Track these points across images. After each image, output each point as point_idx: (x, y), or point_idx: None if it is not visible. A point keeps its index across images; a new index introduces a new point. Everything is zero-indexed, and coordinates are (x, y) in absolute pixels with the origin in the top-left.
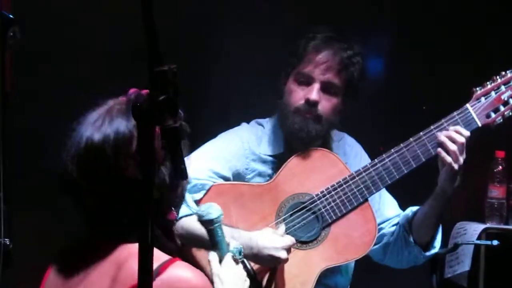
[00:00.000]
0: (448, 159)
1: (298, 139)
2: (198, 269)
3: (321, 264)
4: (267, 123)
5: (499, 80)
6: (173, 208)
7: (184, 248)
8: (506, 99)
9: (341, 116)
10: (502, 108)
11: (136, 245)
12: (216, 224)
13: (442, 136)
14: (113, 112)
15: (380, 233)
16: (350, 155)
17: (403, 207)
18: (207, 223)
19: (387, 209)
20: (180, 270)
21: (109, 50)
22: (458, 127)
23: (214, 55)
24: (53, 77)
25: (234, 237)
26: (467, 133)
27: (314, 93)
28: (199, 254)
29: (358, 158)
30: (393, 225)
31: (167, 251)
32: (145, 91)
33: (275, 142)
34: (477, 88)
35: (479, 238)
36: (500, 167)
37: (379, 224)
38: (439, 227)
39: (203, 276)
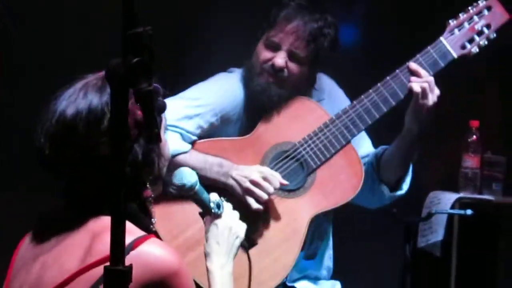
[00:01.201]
0: (417, 88)
1: (259, 101)
2: (172, 247)
3: (311, 211)
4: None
5: (471, 11)
6: (148, 186)
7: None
8: (480, 28)
9: (310, 83)
10: (477, 38)
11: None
12: (197, 187)
13: (413, 64)
14: (88, 86)
15: None
16: (327, 93)
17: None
18: (189, 190)
19: (360, 148)
20: (154, 247)
21: (109, 50)
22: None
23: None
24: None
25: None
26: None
27: (280, 59)
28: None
29: (338, 98)
30: (364, 164)
31: (143, 226)
32: None
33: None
34: (451, 20)
35: (452, 207)
36: (475, 137)
37: None
38: (407, 168)
39: (176, 254)
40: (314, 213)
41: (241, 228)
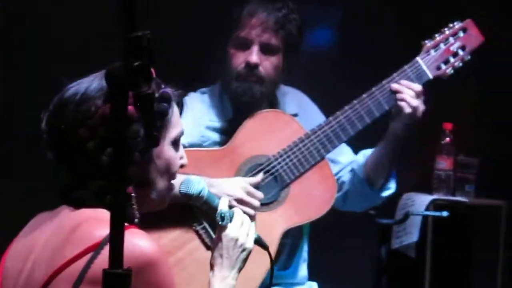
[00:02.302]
0: (408, 109)
1: (243, 103)
2: (151, 238)
3: (283, 225)
4: (212, 91)
5: (447, 32)
6: (132, 184)
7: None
8: (455, 50)
9: (286, 73)
10: (452, 60)
11: (94, 210)
12: (206, 196)
13: (395, 85)
14: (99, 74)
15: (340, 181)
16: (301, 107)
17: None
18: (197, 199)
19: (342, 156)
20: (135, 237)
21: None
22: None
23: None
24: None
25: None
26: (418, 87)
27: (253, 56)
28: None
29: (312, 113)
30: (349, 171)
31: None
32: None
33: (223, 108)
34: (427, 41)
35: (427, 209)
36: (448, 139)
37: (337, 173)
38: (392, 169)
39: (156, 245)
40: (287, 227)
41: (250, 239)
